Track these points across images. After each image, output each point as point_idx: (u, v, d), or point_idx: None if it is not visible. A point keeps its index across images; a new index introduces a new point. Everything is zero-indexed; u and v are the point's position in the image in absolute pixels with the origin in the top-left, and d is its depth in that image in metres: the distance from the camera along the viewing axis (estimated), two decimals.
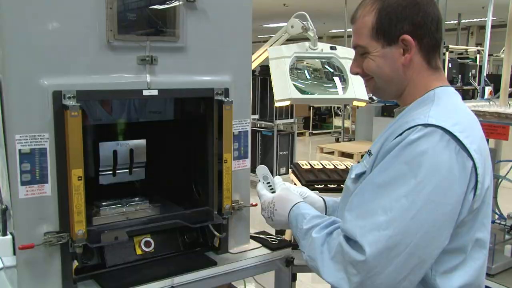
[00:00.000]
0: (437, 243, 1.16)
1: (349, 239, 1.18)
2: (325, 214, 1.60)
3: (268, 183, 1.61)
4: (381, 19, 1.27)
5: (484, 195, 1.22)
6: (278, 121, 7.23)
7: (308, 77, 2.79)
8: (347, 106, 11.00)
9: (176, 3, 1.67)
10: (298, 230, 1.37)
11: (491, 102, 3.29)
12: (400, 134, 1.19)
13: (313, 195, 1.65)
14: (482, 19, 13.62)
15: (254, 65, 2.62)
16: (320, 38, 2.71)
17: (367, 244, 1.12)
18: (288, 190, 1.54)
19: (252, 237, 2.03)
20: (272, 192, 1.57)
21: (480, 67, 9.37)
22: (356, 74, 1.39)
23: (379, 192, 1.16)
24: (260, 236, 2.04)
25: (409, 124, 1.19)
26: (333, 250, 1.21)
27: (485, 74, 7.68)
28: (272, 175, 1.63)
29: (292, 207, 1.44)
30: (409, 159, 1.14)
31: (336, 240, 1.22)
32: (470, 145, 1.16)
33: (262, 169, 1.63)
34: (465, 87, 9.89)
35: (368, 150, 1.36)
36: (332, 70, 2.75)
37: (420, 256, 1.14)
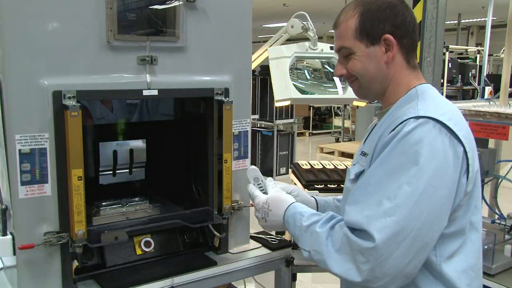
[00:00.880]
0: (437, 225, 1.24)
1: (354, 230, 1.24)
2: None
3: (259, 184, 1.61)
4: (364, 21, 1.38)
5: (475, 178, 1.31)
6: (278, 121, 7.24)
7: (308, 77, 2.80)
8: (347, 106, 11.00)
9: (176, 3, 1.67)
10: (297, 228, 1.41)
11: (491, 102, 3.29)
12: (394, 130, 1.27)
13: (305, 194, 1.70)
14: (482, 19, 13.63)
15: (254, 65, 2.62)
16: (320, 38, 2.72)
17: (376, 231, 1.19)
18: (281, 191, 1.58)
19: (252, 237, 2.03)
20: (264, 194, 1.58)
21: (480, 67, 9.38)
22: (341, 76, 1.46)
23: (381, 184, 1.23)
24: (260, 236, 2.04)
25: (400, 119, 1.27)
26: (338, 243, 1.27)
27: (485, 74, 7.68)
28: (272, 175, 1.63)
29: (288, 207, 1.49)
30: (406, 149, 1.22)
31: (339, 232, 1.28)
32: (459, 132, 1.25)
33: (253, 171, 1.64)
34: (465, 87, 9.90)
35: (362, 151, 1.43)
36: (332, 70, 2.75)
37: (423, 239, 1.21)
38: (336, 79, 2.73)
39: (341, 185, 2.41)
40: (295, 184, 2.82)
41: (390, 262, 1.19)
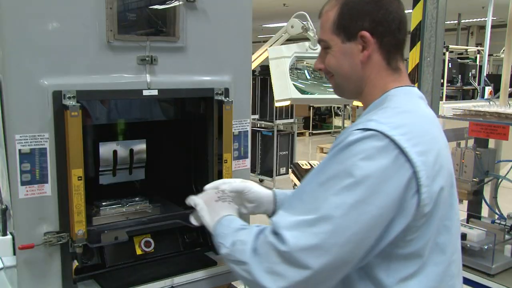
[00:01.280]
0: (363, 244, 1.13)
1: (276, 233, 1.16)
2: (275, 207, 1.57)
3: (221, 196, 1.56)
4: (343, 13, 1.27)
5: (438, 198, 1.18)
6: (278, 121, 7.24)
7: (308, 77, 2.80)
8: (347, 106, 11.00)
9: (176, 3, 1.67)
10: (224, 238, 1.31)
11: (491, 102, 3.30)
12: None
13: (260, 189, 1.60)
14: (482, 19, 13.63)
15: (254, 65, 2.62)
16: None
17: (292, 237, 1.11)
18: (220, 202, 1.49)
19: None
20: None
21: (480, 67, 9.38)
22: (320, 70, 1.38)
23: (313, 192, 1.16)
24: None
25: (352, 128, 1.18)
26: (260, 249, 1.18)
27: (485, 74, 7.68)
28: (272, 175, 1.63)
29: (220, 219, 1.39)
30: (344, 160, 1.13)
31: (263, 239, 1.19)
32: (413, 148, 1.13)
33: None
34: (465, 87, 9.90)
35: None
36: None
37: (343, 257, 1.12)
38: None
39: None
40: (295, 184, 2.82)
41: (307, 277, 1.11)
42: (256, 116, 7.41)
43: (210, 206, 1.47)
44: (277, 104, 2.53)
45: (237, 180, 1.64)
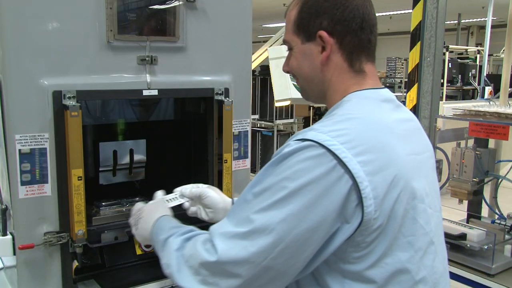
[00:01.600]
0: (297, 257, 1.07)
1: (206, 242, 1.13)
2: None
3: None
4: (302, 13, 1.20)
5: (393, 211, 1.08)
6: (278, 121, 7.23)
7: None
8: None
9: (176, 3, 1.67)
10: (158, 241, 1.28)
11: (491, 102, 3.30)
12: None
13: (217, 196, 1.59)
14: (482, 19, 13.64)
15: (254, 65, 2.63)
16: None
17: (222, 247, 1.08)
18: (161, 203, 1.51)
19: None
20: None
21: (480, 67, 9.37)
22: (287, 72, 1.32)
23: (248, 203, 1.11)
24: None
25: (291, 138, 1.13)
26: (188, 255, 1.15)
27: (485, 74, 7.68)
28: None
29: (158, 218, 1.37)
30: (278, 172, 1.08)
31: (192, 244, 1.16)
32: (354, 157, 1.05)
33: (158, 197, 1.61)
34: (465, 87, 9.89)
35: None
36: None
37: (279, 269, 1.07)
38: None
39: None
40: None
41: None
42: (256, 116, 7.40)
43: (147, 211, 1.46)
44: (277, 104, 2.53)
45: (204, 185, 1.64)
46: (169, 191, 2.08)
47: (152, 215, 1.40)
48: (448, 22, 4.68)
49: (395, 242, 1.11)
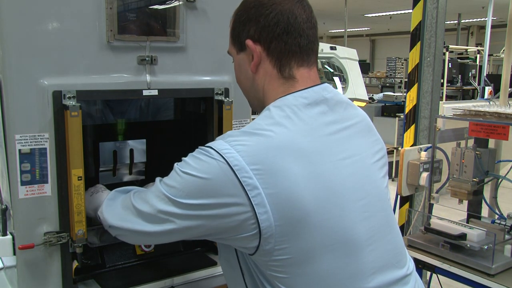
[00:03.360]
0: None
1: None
2: None
3: None
4: (234, 23, 1.24)
5: (290, 227, 1.06)
6: None
7: None
8: None
9: (176, 3, 1.67)
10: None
11: (491, 102, 3.30)
12: None
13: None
14: (482, 19, 13.65)
15: None
16: (320, 38, 2.72)
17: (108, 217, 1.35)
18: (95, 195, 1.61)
19: None
20: None
21: (480, 67, 9.38)
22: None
23: (150, 190, 1.25)
24: None
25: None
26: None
27: (485, 74, 7.69)
28: None
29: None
30: (177, 172, 1.21)
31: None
32: (248, 165, 1.05)
33: None
34: (465, 87, 9.90)
35: None
36: (332, 70, 2.76)
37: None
38: (336, 79, 2.73)
39: None
40: None
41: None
42: (256, 116, 7.39)
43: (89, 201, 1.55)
44: None
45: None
46: None
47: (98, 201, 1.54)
48: (448, 22, 4.69)
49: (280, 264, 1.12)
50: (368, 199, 1.21)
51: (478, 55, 10.81)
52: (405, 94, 4.74)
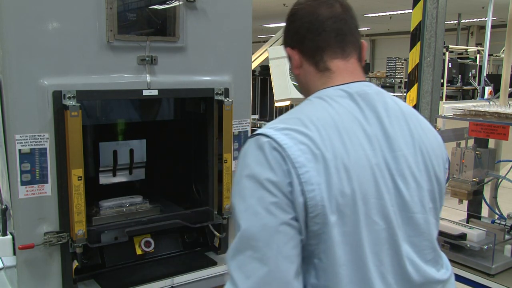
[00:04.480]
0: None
1: None
2: None
3: None
4: (283, 33, 1.37)
5: (325, 215, 1.05)
6: None
7: None
8: None
9: (176, 3, 1.67)
10: None
11: (491, 102, 3.29)
12: None
13: None
14: (482, 19, 13.64)
15: (254, 65, 2.63)
16: None
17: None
18: None
19: None
20: None
21: (480, 67, 9.37)
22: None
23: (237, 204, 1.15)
24: None
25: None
26: None
27: (485, 74, 7.69)
28: None
29: None
30: (239, 167, 1.13)
31: None
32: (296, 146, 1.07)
33: None
34: (465, 87, 9.90)
35: None
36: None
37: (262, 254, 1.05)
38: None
39: None
40: None
41: None
42: (256, 116, 7.40)
43: None
44: (277, 104, 2.53)
45: None
46: (169, 190, 2.08)
47: None
48: (448, 22, 4.69)
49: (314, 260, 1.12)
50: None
51: (478, 55, 10.80)
52: (405, 94, 4.74)
